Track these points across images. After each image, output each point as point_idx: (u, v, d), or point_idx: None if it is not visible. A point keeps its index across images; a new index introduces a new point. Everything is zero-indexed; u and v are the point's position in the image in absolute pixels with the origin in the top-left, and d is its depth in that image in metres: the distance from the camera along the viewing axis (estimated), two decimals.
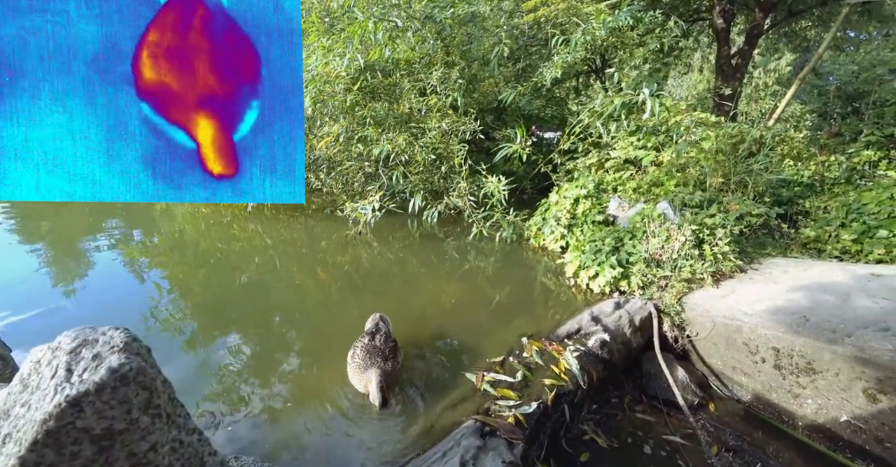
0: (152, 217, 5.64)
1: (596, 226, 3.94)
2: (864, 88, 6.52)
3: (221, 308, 3.08)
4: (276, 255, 4.26)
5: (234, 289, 3.40)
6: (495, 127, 6.05)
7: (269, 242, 4.68)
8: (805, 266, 3.53)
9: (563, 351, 2.39)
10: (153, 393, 0.94)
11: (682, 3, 8.16)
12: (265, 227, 5.10)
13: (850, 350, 2.35)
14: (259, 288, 3.45)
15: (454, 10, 5.65)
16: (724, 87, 8.19)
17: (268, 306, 3.12)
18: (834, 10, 8.26)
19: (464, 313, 3.08)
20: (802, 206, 4.53)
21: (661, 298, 3.10)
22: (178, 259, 4.06)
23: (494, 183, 4.52)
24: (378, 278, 3.74)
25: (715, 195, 3.92)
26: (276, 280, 3.63)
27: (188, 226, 5.34)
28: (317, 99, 5.16)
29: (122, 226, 5.21)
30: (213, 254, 4.26)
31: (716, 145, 4.09)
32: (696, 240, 3.28)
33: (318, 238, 4.78)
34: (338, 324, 2.93)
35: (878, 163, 5.08)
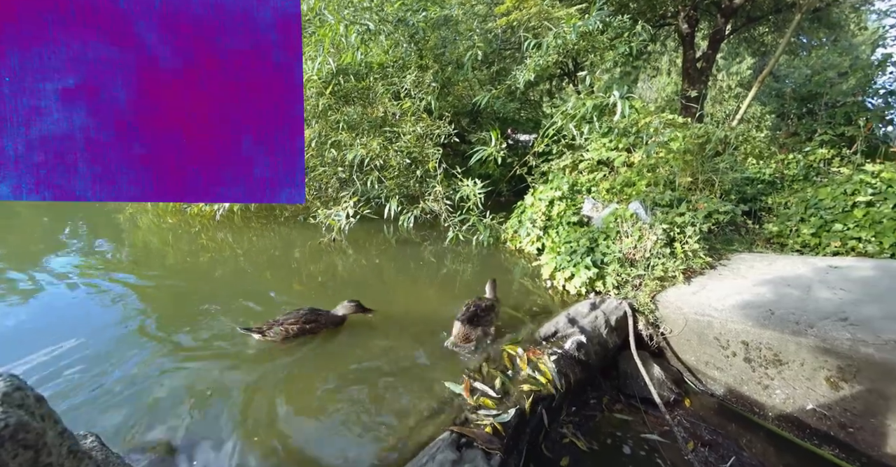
0: (114, 228, 5.38)
1: (571, 227, 3.98)
2: (816, 90, 6.89)
3: (187, 323, 2.94)
4: (247, 266, 4.11)
5: (201, 303, 3.26)
6: (470, 130, 6.07)
7: (239, 252, 4.52)
8: (769, 260, 3.67)
9: (541, 355, 2.39)
10: (40, 452, 0.82)
11: (648, 9, 8.42)
12: (235, 237, 4.93)
13: (812, 340, 2.44)
14: (229, 301, 3.32)
15: (427, 13, 5.65)
16: (691, 89, 8.49)
17: (238, 320, 3.00)
18: (788, 17, 8.70)
19: (440, 320, 3.04)
20: (765, 203, 4.72)
21: (636, 297, 3.15)
22: (142, 272, 3.87)
23: (470, 186, 4.52)
24: (353, 286, 3.67)
25: (684, 194, 4.04)
26: (247, 292, 3.51)
27: (153, 237, 5.11)
28: None
29: (81, 238, 4.94)
30: (180, 266, 4.08)
31: (683, 146, 4.22)
32: (667, 238, 3.36)
33: (292, 246, 4.65)
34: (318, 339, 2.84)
35: (832, 161, 5.36)
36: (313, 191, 5.40)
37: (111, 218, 5.76)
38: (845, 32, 11.50)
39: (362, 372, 2.41)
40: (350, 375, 2.37)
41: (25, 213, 6.08)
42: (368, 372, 2.40)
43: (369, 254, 4.46)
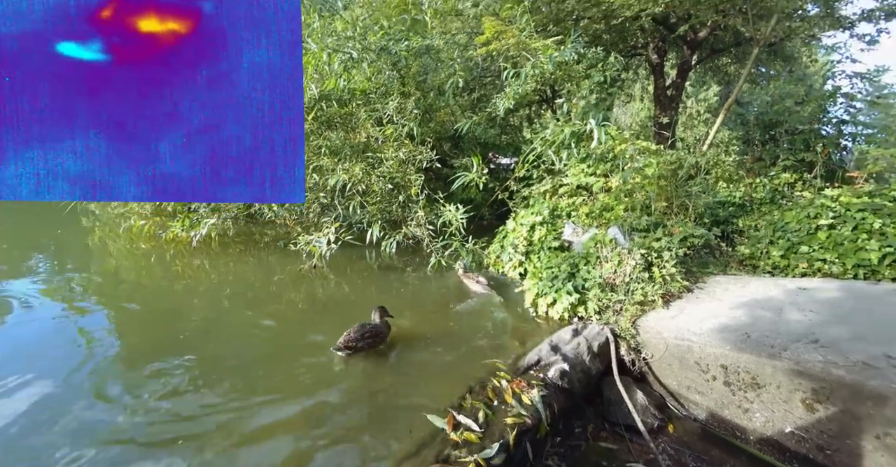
0: (83, 253, 5.17)
1: (552, 252, 4.04)
2: (777, 118, 7.32)
3: (159, 357, 2.81)
4: (223, 295, 3.99)
5: (173, 335, 3.13)
6: (452, 155, 6.17)
7: (215, 279, 4.39)
8: (743, 282, 3.78)
9: (525, 386, 2.37)
10: None
11: (620, 40, 8.89)
12: (213, 263, 4.80)
13: (787, 363, 2.51)
14: (203, 332, 3.20)
15: (409, 43, 5.81)
16: (662, 115, 8.90)
17: (214, 354, 2.89)
18: (747, 49, 9.30)
19: (422, 348, 3.00)
20: (737, 225, 4.90)
21: (617, 322, 3.18)
22: (109, 301, 3.71)
23: (452, 211, 4.55)
24: (333, 315, 3.59)
25: (660, 218, 4.16)
26: (223, 324, 3.39)
27: (124, 262, 4.93)
28: None
29: (46, 263, 4.72)
30: (151, 296, 3.92)
31: (658, 171, 4.38)
32: (645, 263, 3.44)
33: (272, 273, 4.54)
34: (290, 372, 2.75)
35: (795, 185, 5.65)
36: (294, 216, 5.34)
37: (80, 242, 5.55)
38: (799, 64, 12.36)
39: (343, 403, 2.33)
40: (330, 405, 2.30)
41: None
42: (350, 403, 2.33)
43: (351, 281, 4.40)
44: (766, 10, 6.97)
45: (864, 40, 8.24)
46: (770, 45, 8.66)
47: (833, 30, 8.22)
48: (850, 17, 7.62)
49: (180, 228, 5.21)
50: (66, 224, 6.21)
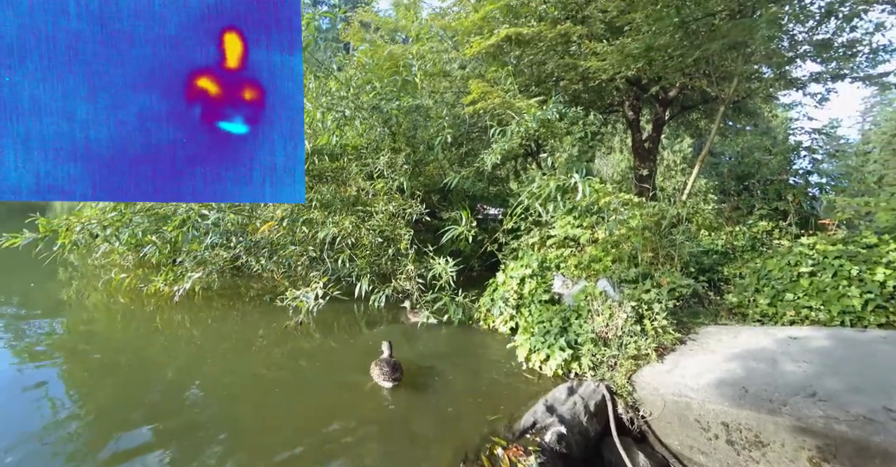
0: (56, 306, 4.95)
1: (543, 305, 4.01)
2: (748, 170, 7.74)
3: (128, 425, 2.61)
4: (203, 354, 3.81)
5: (144, 399, 2.94)
6: (441, 207, 6.30)
7: (196, 337, 4.22)
8: (734, 332, 3.78)
9: (521, 453, 2.25)
10: None
11: (598, 99, 9.56)
12: (194, 319, 4.63)
13: (788, 420, 2.44)
14: (177, 396, 3.02)
15: (400, 102, 6.15)
16: (642, 167, 9.35)
17: (186, 422, 2.70)
18: (714, 106, 10.05)
19: (414, 410, 2.86)
20: (722, 273, 4.98)
21: (613, 378, 3.11)
22: (79, 362, 3.50)
23: (442, 264, 4.56)
24: (317, 376, 3.43)
25: (647, 269, 4.23)
26: (199, 386, 3.21)
27: (100, 318, 4.72)
28: None
29: (11, 320, 4.47)
30: (125, 355, 3.72)
31: (641, 223, 4.52)
32: (636, 316, 3.43)
33: (256, 330, 4.38)
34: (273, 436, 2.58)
35: (772, 232, 5.85)
36: (282, 269, 5.29)
37: (53, 296, 5.33)
38: (762, 119, 13.35)
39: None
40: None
41: None
42: None
43: (338, 338, 4.25)
44: (726, 73, 7.65)
45: (816, 99, 9.02)
46: (734, 102, 9.40)
47: (787, 90, 9.03)
48: (801, 78, 8.41)
49: (163, 282, 5.08)
50: (43, 276, 6.01)
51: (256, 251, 5.32)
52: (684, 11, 5.98)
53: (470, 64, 8.23)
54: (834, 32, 6.95)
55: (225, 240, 5.28)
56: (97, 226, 4.97)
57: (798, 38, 7.27)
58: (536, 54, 7.63)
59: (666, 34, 6.18)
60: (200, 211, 5.11)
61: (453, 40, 8.57)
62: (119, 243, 5.33)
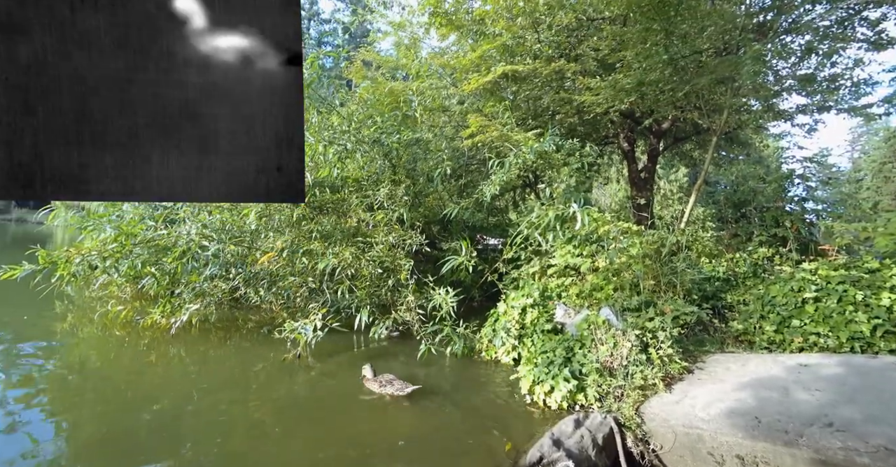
0: (49, 338, 4.84)
1: (545, 335, 3.95)
2: (744, 197, 7.85)
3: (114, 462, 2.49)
4: (198, 389, 3.69)
5: (136, 435, 2.82)
6: (441, 238, 6.34)
7: (191, 368, 4.11)
8: (742, 360, 3.68)
9: None
10: None
11: (593, 131, 9.85)
12: (190, 352, 4.53)
13: (806, 452, 2.34)
14: (169, 433, 2.90)
15: (400, 136, 6.34)
16: (639, 196, 9.48)
17: (180, 460, 2.59)
18: (706, 137, 10.34)
19: (418, 445, 2.74)
20: (725, 300, 4.93)
21: (620, 410, 3.00)
22: (70, 399, 3.38)
23: (442, 295, 4.53)
24: (311, 413, 3.30)
25: (650, 297, 4.18)
26: (194, 423, 3.10)
27: (93, 350, 4.61)
28: (262, 213, 5.20)
29: (6, 351, 4.35)
30: (118, 388, 3.61)
31: (642, 250, 4.52)
32: (641, 344, 3.37)
33: (253, 363, 4.27)
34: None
35: (773, 258, 5.84)
36: (281, 300, 5.23)
37: (47, 329, 5.23)
38: (754, 148, 13.70)
39: None
40: None
41: None
42: None
43: (336, 373, 4.13)
44: (716, 106, 7.94)
45: (804, 129, 9.31)
46: (726, 133, 9.69)
47: (776, 121, 9.33)
48: (788, 110, 8.72)
49: (160, 314, 5.01)
50: (37, 308, 5.92)
51: (255, 282, 5.29)
52: (672, 49, 6.29)
53: (468, 99, 8.55)
54: (816, 68, 7.29)
55: (224, 271, 5.27)
56: (97, 258, 4.97)
57: (782, 73, 7.61)
58: (532, 90, 7.94)
59: (656, 70, 6.47)
60: (201, 242, 5.14)
61: (452, 77, 8.95)
62: (118, 274, 5.32)
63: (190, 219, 5.46)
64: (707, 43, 6.75)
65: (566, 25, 7.58)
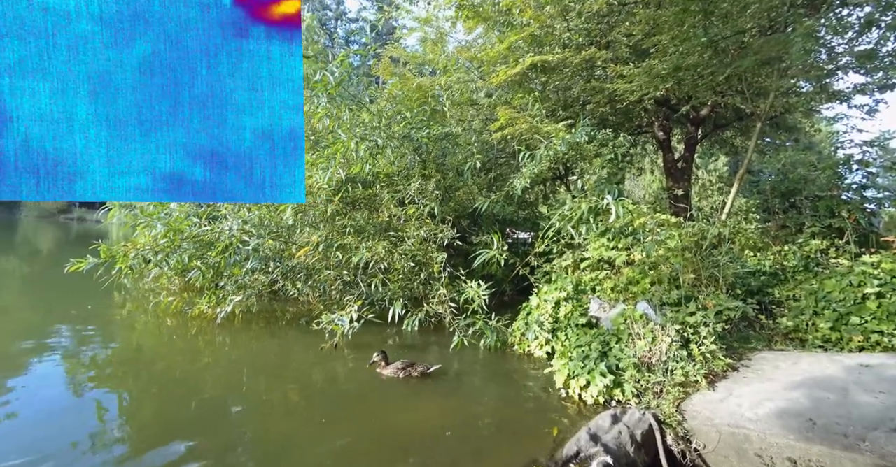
0: (109, 327, 5.23)
1: (580, 329, 3.88)
2: (794, 186, 7.36)
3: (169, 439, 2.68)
4: (242, 375, 3.90)
5: (187, 416, 3.02)
6: (471, 232, 6.33)
7: (234, 357, 4.33)
8: (793, 359, 3.49)
9: None
10: None
11: (626, 120, 9.49)
12: (234, 341, 4.77)
13: (870, 458, 2.20)
14: (217, 414, 3.08)
15: (430, 131, 6.36)
16: (676, 187, 9.08)
17: (226, 440, 2.74)
18: (749, 123, 9.75)
19: (452, 437, 2.77)
20: (773, 295, 4.66)
21: (659, 406, 2.91)
22: (129, 380, 3.67)
23: (474, 288, 4.54)
24: (351, 401, 3.41)
25: (690, 291, 4.02)
26: (239, 406, 3.27)
27: (148, 337, 4.96)
28: (298, 209, 5.36)
29: (72, 337, 4.77)
30: (171, 373, 3.88)
31: (681, 243, 4.34)
32: (681, 340, 3.25)
33: (291, 352, 4.47)
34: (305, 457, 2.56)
35: (828, 251, 5.45)
36: (317, 293, 5.40)
37: (108, 317, 5.66)
38: (804, 134, 12.79)
39: None
40: None
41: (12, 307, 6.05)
42: None
43: None
44: (761, 89, 7.45)
45: (864, 110, 8.57)
46: (771, 118, 9.08)
47: (830, 103, 8.62)
48: (845, 90, 8.03)
49: (206, 305, 5.30)
50: (99, 298, 6.41)
51: (293, 275, 5.48)
52: (712, 31, 5.94)
53: (496, 92, 8.44)
54: (877, 42, 6.67)
55: (264, 264, 5.49)
56: (150, 252, 5.31)
57: (838, 50, 7.02)
58: (562, 80, 7.74)
59: (694, 54, 6.14)
60: (242, 237, 5.38)
61: (479, 70, 8.86)
62: (168, 268, 5.65)
63: (231, 215, 5.71)
64: (751, 22, 6.32)
65: (597, 11, 7.31)
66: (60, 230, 20.90)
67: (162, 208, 5.87)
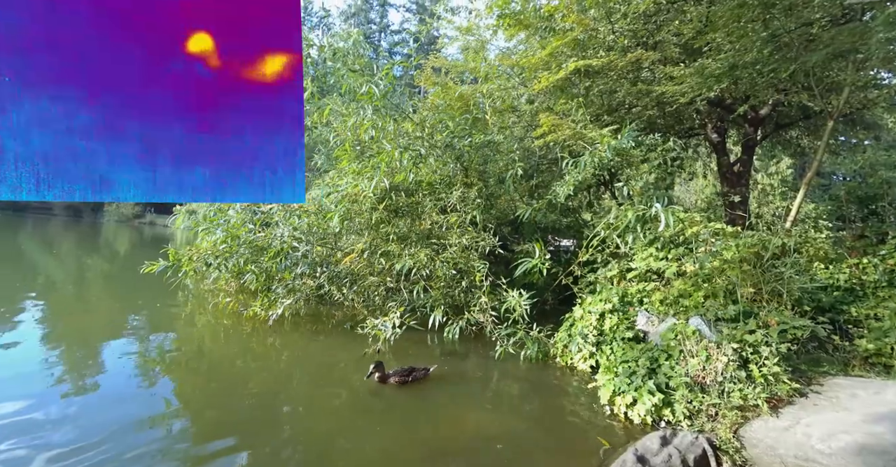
0: (172, 323, 5.73)
1: (626, 343, 3.72)
2: (874, 191, 6.65)
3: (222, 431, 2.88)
4: (291, 375, 4.14)
5: (239, 410, 3.24)
6: (513, 240, 6.27)
7: (285, 358, 4.58)
8: (876, 388, 3.14)
9: None
10: None
11: (676, 123, 9.01)
12: (284, 342, 5.03)
13: None
14: (267, 410, 3.29)
15: (471, 139, 6.39)
16: (732, 192, 8.49)
17: (274, 435, 2.89)
18: (819, 122, 8.94)
19: (489, 455, 2.74)
20: (849, 314, 4.22)
21: (714, 431, 2.74)
22: (187, 371, 4.05)
23: (516, 297, 4.49)
24: (392, 406, 3.48)
25: (749, 306, 3.74)
26: (287, 405, 3.45)
27: (207, 335, 5.37)
28: (345, 217, 5.57)
29: (141, 331, 5.34)
30: (225, 369, 4.21)
31: (738, 254, 4.06)
32: (739, 359, 3.03)
33: (338, 355, 4.64)
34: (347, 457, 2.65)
35: None
36: (362, 298, 5.57)
37: (173, 314, 6.18)
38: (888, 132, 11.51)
39: None
40: None
41: (95, 300, 6.78)
42: None
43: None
44: (833, 84, 6.82)
45: None
46: (845, 115, 8.28)
47: None
48: None
49: (259, 307, 5.63)
50: (166, 297, 7.03)
51: (338, 281, 5.70)
52: (773, 24, 5.54)
53: (538, 98, 8.34)
54: None
55: (312, 270, 5.76)
56: (210, 256, 5.74)
57: None
58: (606, 84, 7.50)
59: (752, 50, 5.74)
60: (292, 243, 5.67)
61: (521, 77, 8.80)
62: (225, 271, 6.08)
63: (282, 222, 6.05)
64: (819, 12, 5.81)
65: (643, 11, 7.04)
66: (136, 233, 23.05)
67: (221, 215, 6.32)
